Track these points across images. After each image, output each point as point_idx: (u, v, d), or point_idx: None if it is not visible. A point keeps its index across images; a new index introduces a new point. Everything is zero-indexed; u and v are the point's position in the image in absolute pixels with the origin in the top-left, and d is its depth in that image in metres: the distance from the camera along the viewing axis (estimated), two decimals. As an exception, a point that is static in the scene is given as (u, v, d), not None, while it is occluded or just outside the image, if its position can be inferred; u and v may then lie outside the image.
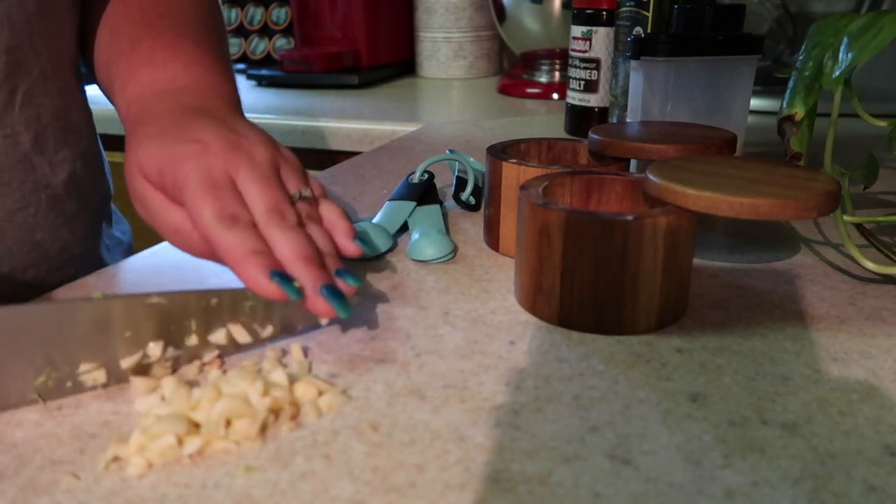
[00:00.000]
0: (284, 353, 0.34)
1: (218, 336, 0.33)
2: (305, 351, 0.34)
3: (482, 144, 0.77)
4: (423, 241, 0.45)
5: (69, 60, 0.49)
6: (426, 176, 0.54)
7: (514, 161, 0.44)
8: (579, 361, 0.33)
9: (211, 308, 0.32)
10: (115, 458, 0.26)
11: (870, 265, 0.40)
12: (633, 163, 0.50)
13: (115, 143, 1.00)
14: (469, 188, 0.54)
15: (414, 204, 0.51)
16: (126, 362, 0.31)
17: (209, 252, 0.36)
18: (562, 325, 0.36)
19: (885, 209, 0.54)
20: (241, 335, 0.33)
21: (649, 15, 0.64)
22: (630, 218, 0.33)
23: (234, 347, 0.34)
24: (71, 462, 0.27)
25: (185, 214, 0.36)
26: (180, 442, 0.27)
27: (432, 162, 0.54)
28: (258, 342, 0.34)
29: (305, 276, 0.33)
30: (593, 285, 0.35)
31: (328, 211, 0.38)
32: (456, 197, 0.54)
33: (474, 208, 0.54)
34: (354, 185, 0.62)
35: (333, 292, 0.33)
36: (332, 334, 0.36)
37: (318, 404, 0.30)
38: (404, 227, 0.50)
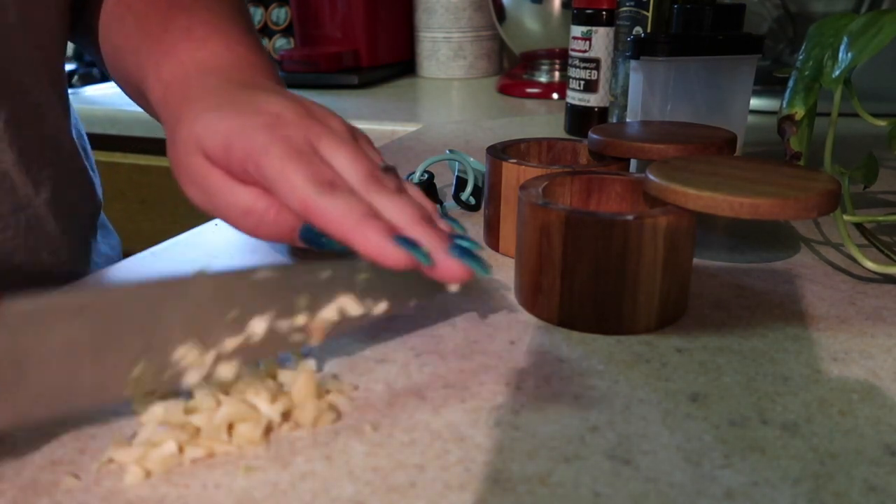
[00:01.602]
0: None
1: (329, 311, 0.29)
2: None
3: (482, 144, 0.77)
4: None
5: (54, 72, 0.47)
6: (426, 176, 0.54)
7: (514, 161, 0.44)
8: (579, 361, 0.33)
9: (321, 282, 0.29)
10: (110, 460, 0.26)
11: (870, 265, 0.40)
12: (633, 163, 0.50)
13: (115, 143, 1.00)
14: (469, 188, 0.54)
15: (414, 204, 0.51)
16: (230, 343, 0.27)
17: (288, 233, 0.33)
18: (562, 325, 0.36)
19: (885, 209, 0.54)
20: (354, 307, 0.30)
21: (649, 15, 0.64)
22: (630, 218, 0.33)
23: (340, 326, 0.30)
24: (71, 462, 0.26)
25: (256, 193, 0.33)
26: (181, 450, 0.26)
27: (432, 162, 0.54)
28: (369, 319, 0.31)
29: (430, 239, 0.29)
30: (593, 285, 0.35)
31: (410, 187, 0.35)
32: (456, 197, 0.54)
33: (474, 208, 0.54)
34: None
35: (465, 251, 0.30)
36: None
37: (324, 410, 0.29)
38: (404, 227, 0.50)
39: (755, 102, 0.64)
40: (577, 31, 0.78)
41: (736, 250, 0.46)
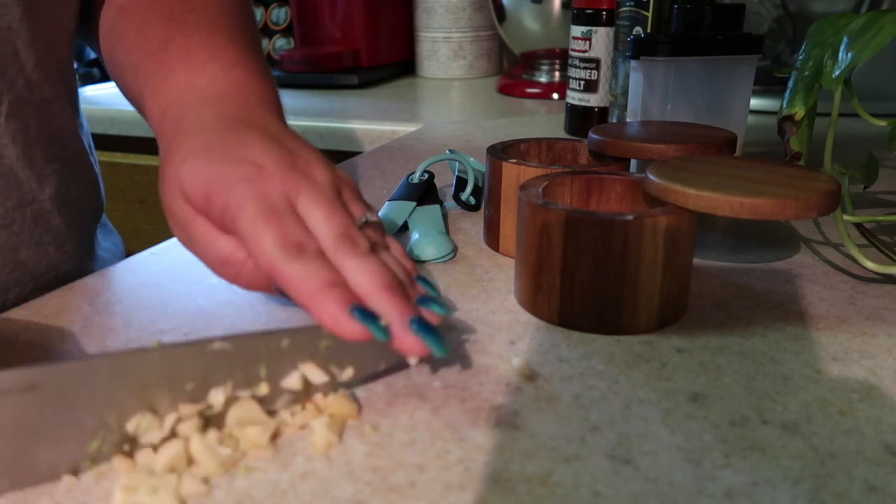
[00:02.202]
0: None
1: (291, 380, 0.29)
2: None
3: (482, 144, 0.77)
4: (423, 241, 0.45)
5: (60, 68, 0.46)
6: (426, 176, 0.54)
7: (514, 161, 0.44)
8: (579, 361, 0.33)
9: (282, 351, 0.28)
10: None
11: (870, 265, 0.40)
12: (633, 163, 0.50)
13: (115, 143, 1.00)
14: (469, 188, 0.54)
15: (414, 204, 0.51)
16: (189, 411, 0.27)
17: (265, 285, 0.33)
18: (562, 325, 0.36)
19: (885, 209, 0.54)
20: (317, 375, 0.29)
21: (649, 15, 0.64)
22: (630, 218, 0.33)
23: (307, 392, 0.29)
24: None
25: (236, 243, 0.33)
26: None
27: (432, 162, 0.54)
28: (335, 387, 0.30)
29: (390, 310, 0.29)
30: (593, 285, 0.35)
31: (391, 243, 0.34)
32: (456, 197, 0.54)
33: (474, 208, 0.54)
34: (354, 185, 0.62)
35: (424, 327, 0.29)
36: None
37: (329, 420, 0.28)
38: (404, 227, 0.50)
39: (755, 102, 0.64)
40: (577, 31, 0.78)
41: (736, 250, 0.46)
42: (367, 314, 0.28)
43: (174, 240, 0.49)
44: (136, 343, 0.35)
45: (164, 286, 0.42)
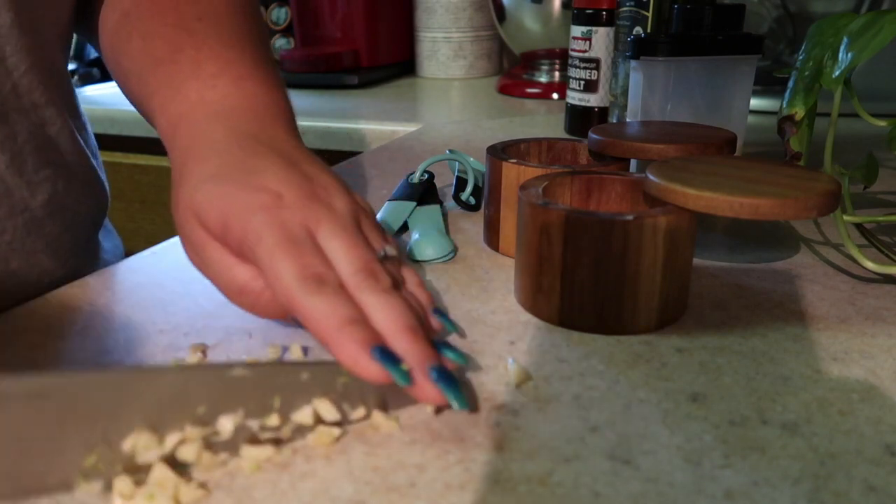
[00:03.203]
0: (285, 349, 0.34)
1: (303, 415, 0.28)
2: (305, 350, 0.34)
3: (482, 144, 0.77)
4: (423, 241, 0.45)
5: (53, 73, 0.45)
6: (426, 176, 0.54)
7: (514, 161, 0.44)
8: (579, 361, 0.33)
9: (299, 383, 0.28)
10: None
11: (870, 265, 0.40)
12: (633, 163, 0.50)
13: (115, 143, 1.00)
14: (469, 188, 0.54)
15: (414, 204, 0.51)
16: (194, 433, 0.26)
17: (283, 315, 0.33)
18: (562, 325, 0.36)
19: (885, 209, 0.54)
20: (329, 413, 0.28)
21: (649, 15, 0.64)
22: (630, 218, 0.33)
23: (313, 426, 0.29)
24: (71, 462, 0.26)
25: (253, 272, 0.32)
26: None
27: (432, 162, 0.54)
28: (345, 423, 0.29)
29: (412, 355, 0.28)
30: (593, 285, 0.35)
31: (409, 276, 0.34)
32: (456, 197, 0.54)
33: (474, 208, 0.54)
34: (354, 186, 0.62)
35: (445, 376, 0.28)
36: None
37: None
38: (404, 227, 0.50)
39: (755, 102, 0.64)
40: (577, 31, 0.78)
41: (736, 250, 0.46)
42: (388, 356, 0.27)
43: (174, 240, 0.49)
44: (136, 343, 0.35)
45: (164, 286, 0.42)
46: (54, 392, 0.24)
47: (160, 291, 0.41)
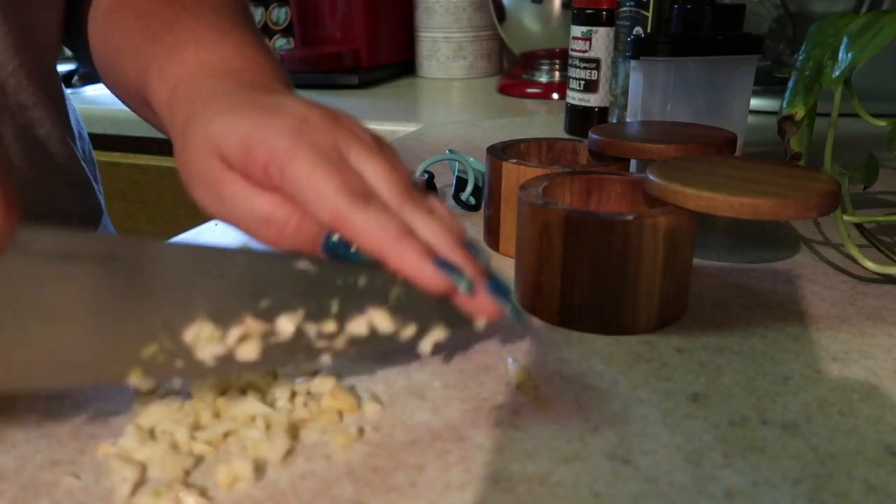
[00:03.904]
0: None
1: (358, 324, 0.27)
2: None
3: (482, 144, 0.77)
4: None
5: (42, 74, 0.44)
6: (426, 176, 0.54)
7: (514, 161, 0.44)
8: (579, 361, 0.33)
9: (356, 289, 0.27)
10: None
11: (870, 265, 0.40)
12: (633, 163, 0.50)
13: (115, 143, 1.00)
14: (469, 188, 0.54)
15: (414, 204, 0.51)
16: (256, 327, 0.25)
17: (310, 244, 0.30)
18: (562, 325, 0.36)
19: (885, 209, 0.54)
20: (385, 323, 0.27)
21: (649, 15, 0.64)
22: (630, 218, 0.33)
23: (366, 343, 0.28)
24: (71, 462, 0.26)
25: (276, 200, 0.30)
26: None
27: (432, 162, 0.54)
28: (394, 343, 0.28)
29: (468, 268, 0.28)
30: (593, 285, 0.35)
31: (437, 205, 0.32)
32: (456, 197, 0.54)
33: (474, 208, 0.54)
34: (354, 185, 0.62)
35: (500, 288, 0.28)
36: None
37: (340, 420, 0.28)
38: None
39: (755, 102, 0.64)
40: (577, 31, 0.78)
41: (736, 250, 0.46)
42: (449, 265, 0.27)
43: (174, 240, 0.49)
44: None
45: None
46: (127, 256, 0.23)
47: (160, 291, 0.41)
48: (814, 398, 0.30)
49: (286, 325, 0.26)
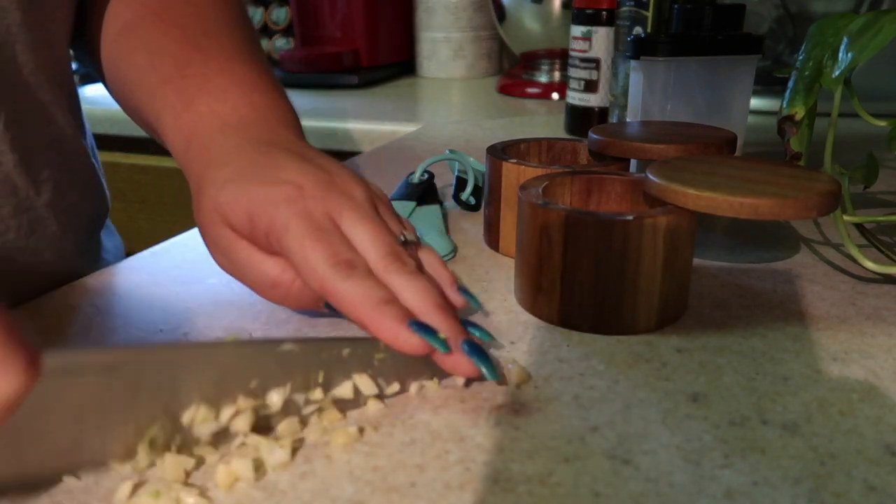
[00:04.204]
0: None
1: (343, 389, 0.29)
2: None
3: (482, 144, 0.77)
4: (423, 241, 0.45)
5: (58, 72, 0.46)
6: (426, 176, 0.54)
7: (514, 161, 0.44)
8: (579, 361, 0.33)
9: (341, 359, 0.29)
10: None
11: (870, 265, 0.40)
12: (633, 163, 0.50)
13: (115, 143, 1.00)
14: (469, 188, 0.54)
15: (414, 204, 0.51)
16: (246, 404, 0.27)
17: (314, 303, 0.34)
18: (562, 325, 0.36)
19: (885, 209, 0.54)
20: (368, 387, 0.29)
21: (649, 15, 0.64)
22: (630, 218, 0.33)
23: (351, 403, 0.30)
24: (71, 462, 0.26)
25: (282, 265, 0.33)
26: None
27: (432, 162, 0.54)
28: (381, 399, 0.30)
29: (445, 328, 0.29)
30: (593, 285, 0.35)
31: (427, 256, 0.35)
32: (456, 197, 0.54)
33: (474, 208, 0.54)
34: (354, 185, 0.62)
35: (475, 349, 0.29)
36: (332, 334, 0.36)
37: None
38: (404, 227, 0.50)
39: (755, 102, 0.64)
40: (577, 31, 0.78)
41: (736, 250, 0.46)
42: (425, 328, 0.29)
43: (174, 240, 0.49)
44: (135, 342, 0.35)
45: (164, 286, 0.42)
46: (123, 366, 0.25)
47: (160, 291, 0.41)
48: (814, 398, 0.30)
49: (275, 398, 0.28)
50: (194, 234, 0.49)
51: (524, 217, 0.37)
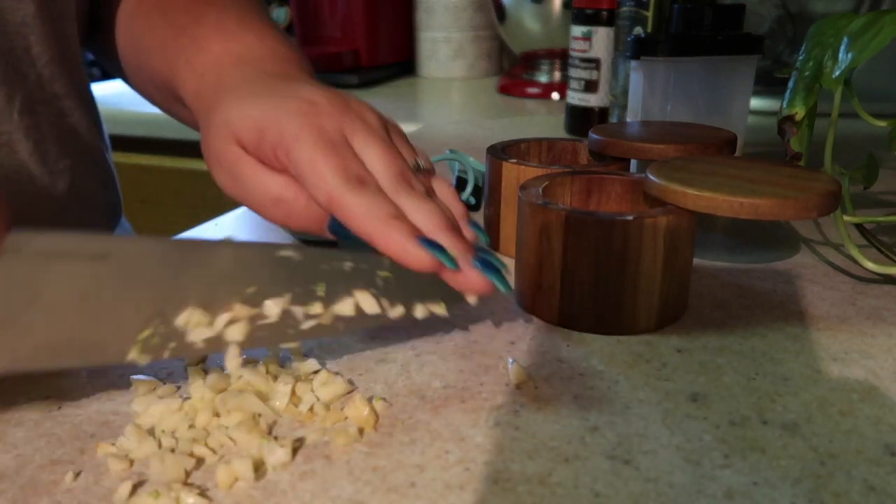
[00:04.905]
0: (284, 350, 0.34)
1: (344, 305, 0.28)
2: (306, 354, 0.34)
3: (482, 144, 0.77)
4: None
5: (72, 64, 0.46)
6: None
7: (514, 161, 0.44)
8: (579, 361, 0.33)
9: (343, 273, 0.28)
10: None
11: (870, 265, 0.40)
12: (633, 163, 0.50)
13: (115, 142, 1.00)
14: (469, 188, 0.54)
15: (414, 204, 0.51)
16: (243, 312, 0.26)
17: (317, 224, 0.33)
18: (562, 325, 0.36)
19: (885, 209, 0.54)
20: (370, 305, 0.28)
21: (649, 15, 0.64)
22: (630, 218, 0.33)
23: (354, 322, 0.29)
24: (71, 462, 0.26)
25: (287, 181, 0.32)
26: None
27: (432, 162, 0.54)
28: (384, 322, 0.29)
29: (454, 246, 0.29)
30: (593, 285, 0.35)
31: (441, 186, 0.34)
32: (456, 197, 0.54)
33: (474, 208, 0.54)
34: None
35: (488, 264, 0.29)
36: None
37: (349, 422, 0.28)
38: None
39: (755, 102, 0.64)
40: (577, 31, 0.78)
41: (736, 250, 0.46)
42: (434, 245, 0.28)
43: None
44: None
45: (164, 286, 0.42)
46: (118, 254, 0.24)
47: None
48: (814, 398, 0.30)
49: (272, 308, 0.27)
50: (194, 233, 0.49)
51: (524, 217, 0.37)
